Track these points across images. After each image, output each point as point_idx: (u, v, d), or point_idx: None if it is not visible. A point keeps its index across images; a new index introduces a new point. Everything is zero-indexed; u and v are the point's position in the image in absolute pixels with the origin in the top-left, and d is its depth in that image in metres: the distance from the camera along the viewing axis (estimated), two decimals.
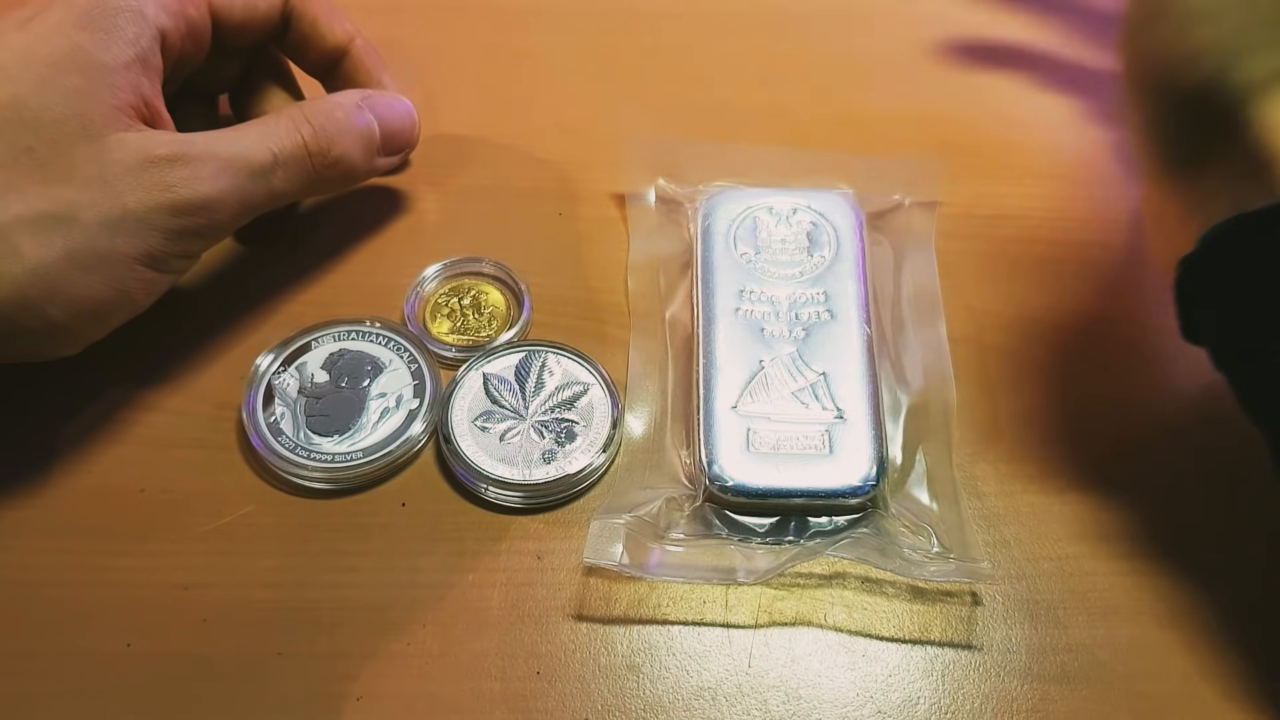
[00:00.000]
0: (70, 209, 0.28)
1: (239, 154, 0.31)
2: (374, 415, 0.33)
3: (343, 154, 0.34)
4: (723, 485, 0.31)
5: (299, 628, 0.30)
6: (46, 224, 0.28)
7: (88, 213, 0.28)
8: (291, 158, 0.32)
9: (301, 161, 0.33)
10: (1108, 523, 0.32)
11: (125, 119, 0.30)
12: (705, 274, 0.35)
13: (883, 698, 0.29)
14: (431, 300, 0.36)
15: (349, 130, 0.34)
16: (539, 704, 0.29)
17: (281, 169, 0.32)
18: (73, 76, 0.29)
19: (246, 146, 0.31)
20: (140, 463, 0.32)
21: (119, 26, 0.30)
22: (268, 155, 0.32)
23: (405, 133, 0.37)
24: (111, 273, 0.29)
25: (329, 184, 0.35)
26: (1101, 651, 0.30)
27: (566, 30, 0.45)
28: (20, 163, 0.28)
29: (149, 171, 0.29)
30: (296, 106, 0.34)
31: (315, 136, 0.33)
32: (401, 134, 0.37)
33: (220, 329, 0.35)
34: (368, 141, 0.35)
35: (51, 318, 0.28)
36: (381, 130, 0.35)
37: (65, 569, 0.30)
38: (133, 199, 0.29)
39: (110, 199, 0.29)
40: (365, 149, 0.35)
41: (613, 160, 0.39)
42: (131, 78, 0.30)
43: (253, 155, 0.31)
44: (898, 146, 0.41)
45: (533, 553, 0.31)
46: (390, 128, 0.36)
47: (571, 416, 0.33)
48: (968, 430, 0.33)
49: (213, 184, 0.30)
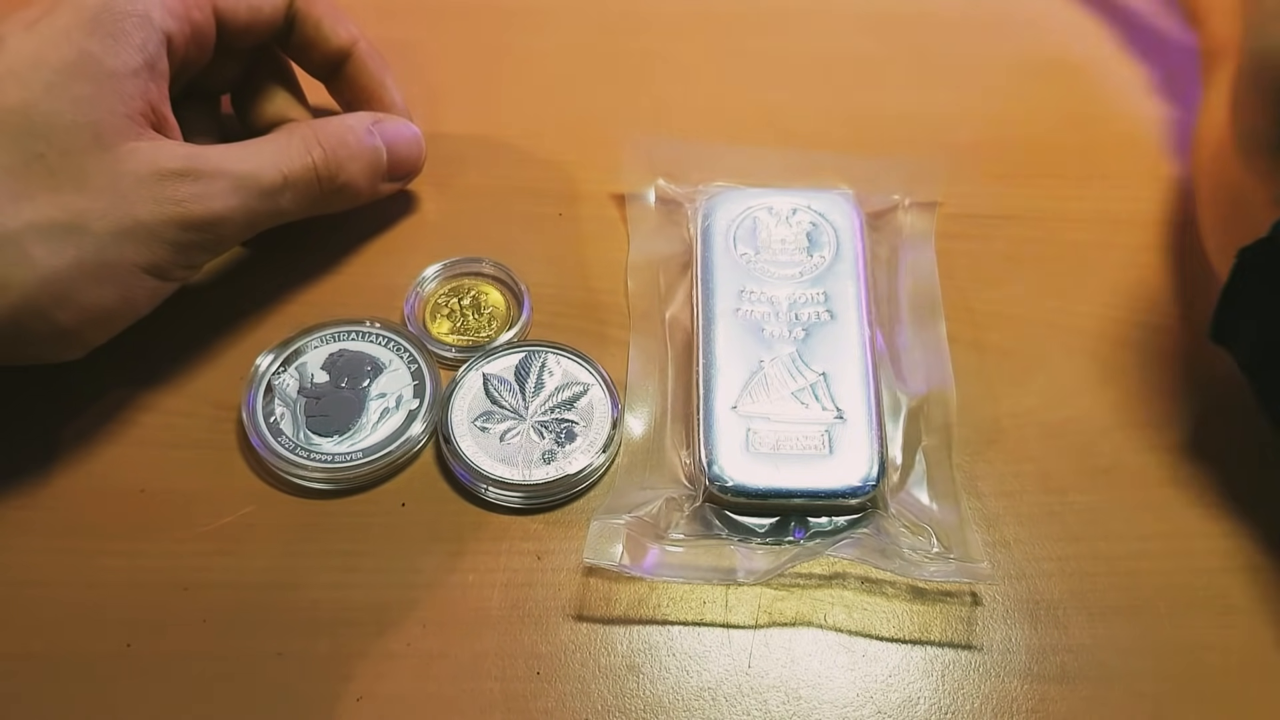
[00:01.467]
0: (82, 219, 0.28)
1: (250, 173, 0.31)
2: (374, 415, 0.33)
3: (350, 179, 0.35)
4: (723, 485, 0.31)
5: (299, 628, 0.30)
6: (58, 233, 0.28)
7: (99, 223, 0.28)
8: (301, 180, 0.33)
9: (310, 184, 0.33)
10: (1108, 523, 0.32)
11: (136, 127, 0.30)
12: (705, 274, 0.35)
13: (883, 698, 0.29)
14: (431, 300, 0.36)
15: (358, 155, 0.35)
16: (539, 704, 0.29)
17: (290, 190, 0.33)
18: (83, 84, 0.29)
19: (258, 166, 0.32)
20: (140, 463, 0.32)
21: (127, 32, 0.30)
22: (278, 177, 0.32)
23: (411, 160, 0.37)
24: (119, 281, 0.29)
25: (332, 206, 0.35)
26: (1101, 651, 0.30)
27: (567, 30, 0.45)
28: (32, 169, 0.28)
29: (160, 184, 0.29)
30: (309, 126, 0.34)
31: (326, 161, 0.33)
32: (408, 161, 0.37)
33: (220, 329, 0.35)
34: (375, 167, 0.36)
35: (60, 323, 0.29)
36: (389, 156, 0.36)
37: (65, 569, 0.30)
38: (144, 211, 0.29)
39: (122, 210, 0.29)
40: (372, 175, 0.36)
41: (613, 160, 0.39)
42: (140, 85, 0.30)
43: (264, 176, 0.32)
44: (898, 146, 0.41)
45: (533, 553, 0.31)
46: (398, 154, 0.36)
47: (571, 417, 0.33)
48: (968, 430, 0.33)
49: (223, 201, 0.31)
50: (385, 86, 0.37)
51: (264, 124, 0.37)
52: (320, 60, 0.37)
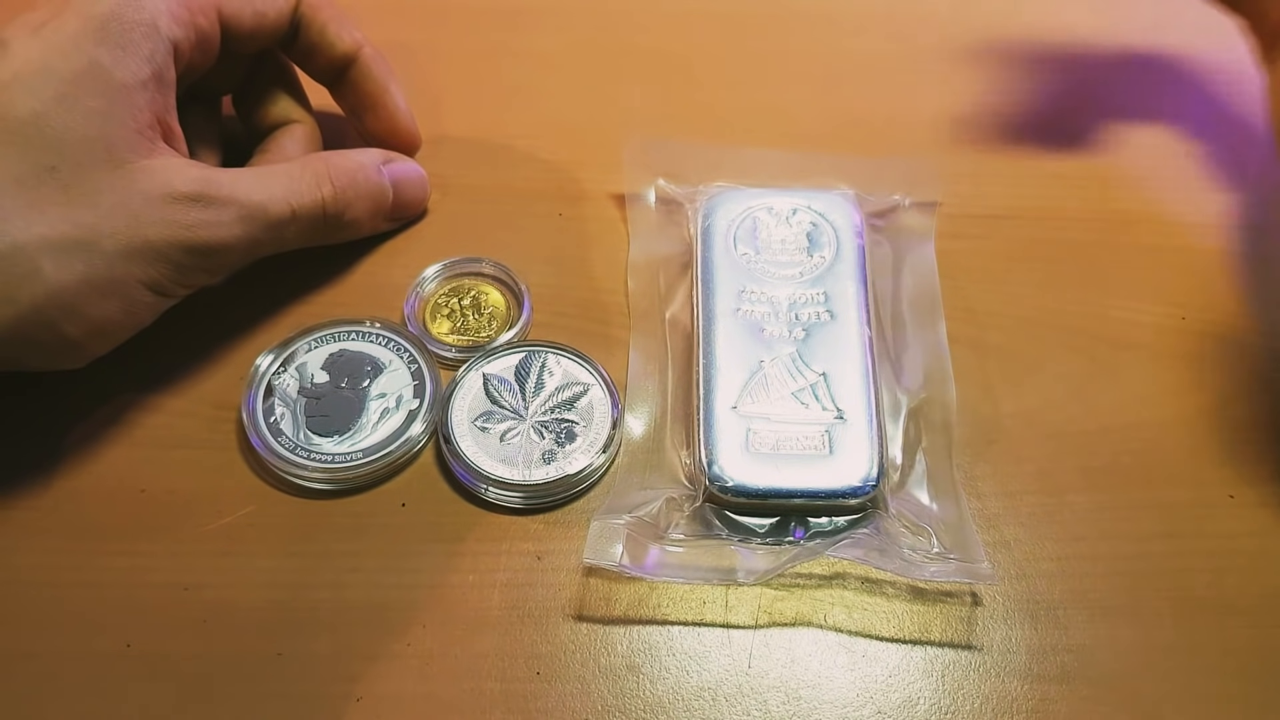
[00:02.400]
0: (92, 236, 0.28)
1: (260, 204, 0.32)
2: (374, 416, 0.33)
3: (355, 217, 0.35)
4: (723, 485, 0.31)
5: (299, 628, 0.30)
6: (68, 248, 0.28)
7: (109, 241, 0.29)
8: (308, 215, 0.33)
9: (316, 219, 0.34)
10: (1108, 523, 0.32)
11: (146, 142, 0.30)
12: (705, 274, 0.35)
13: (883, 698, 0.29)
14: (431, 300, 0.36)
15: (366, 195, 0.35)
16: (539, 704, 0.29)
17: (296, 224, 0.33)
18: (94, 97, 0.29)
19: (269, 198, 0.32)
20: (141, 463, 0.32)
21: (135, 42, 0.30)
22: (287, 210, 0.32)
23: (416, 202, 0.38)
24: (124, 296, 0.30)
25: (330, 238, 0.35)
26: (1101, 651, 0.30)
27: (567, 31, 0.45)
28: (44, 182, 0.28)
29: (172, 207, 0.30)
30: (322, 161, 0.34)
31: (335, 198, 0.34)
32: (413, 204, 0.38)
33: (220, 329, 0.35)
34: (380, 206, 0.36)
35: (66, 335, 0.29)
36: (396, 197, 0.36)
37: (65, 569, 0.30)
38: (153, 232, 0.29)
39: (132, 230, 0.29)
40: (375, 213, 0.36)
41: (613, 160, 0.39)
42: (149, 96, 0.30)
43: (273, 208, 0.32)
44: (898, 146, 0.41)
45: (533, 553, 0.31)
46: (404, 196, 0.37)
47: (571, 417, 0.33)
48: (968, 430, 0.33)
49: (229, 230, 0.31)
50: (389, 93, 0.37)
51: (266, 126, 0.37)
52: (325, 65, 0.37)
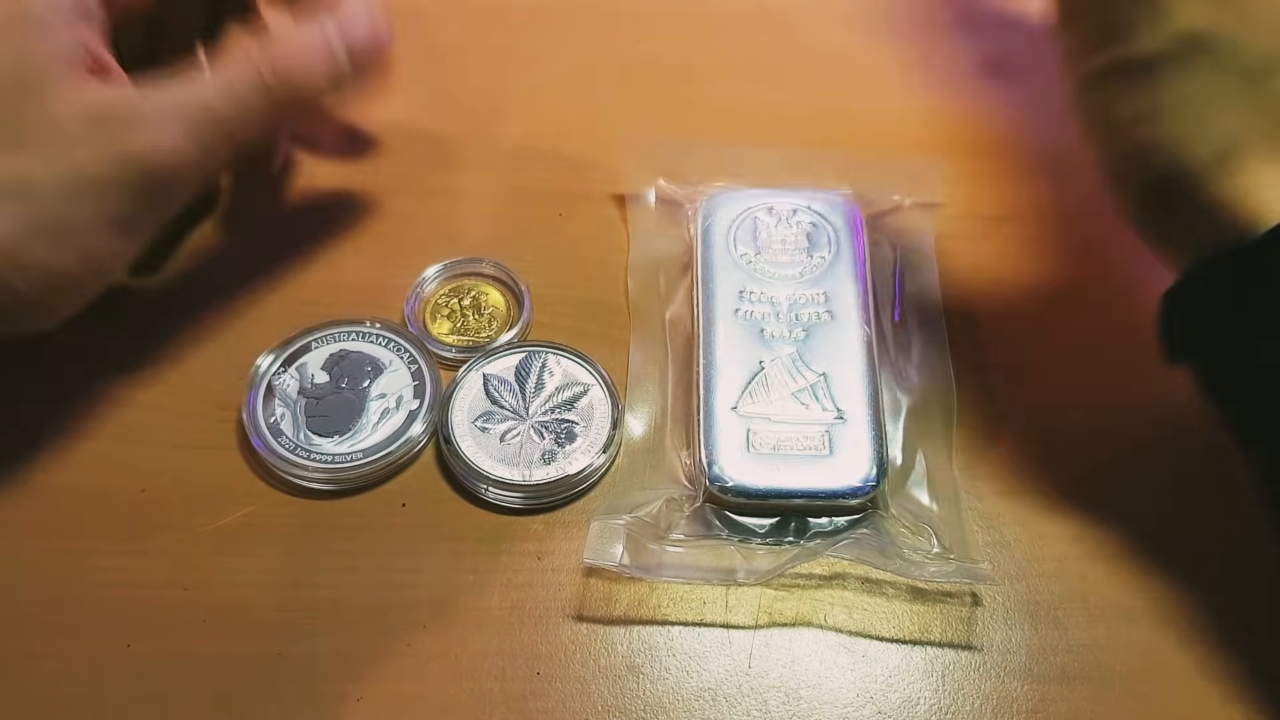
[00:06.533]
0: (24, 176, 0.27)
1: (193, 99, 0.29)
2: (374, 416, 0.33)
3: (303, 80, 0.31)
4: (723, 486, 0.31)
5: (299, 628, 0.30)
6: (1, 194, 0.26)
7: (41, 176, 0.27)
8: (249, 94, 0.30)
9: (259, 96, 0.30)
10: (1108, 523, 0.32)
11: (71, 74, 0.28)
12: (705, 274, 0.35)
13: (883, 698, 0.29)
14: (432, 301, 0.36)
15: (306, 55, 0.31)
16: (539, 704, 0.29)
17: (240, 112, 0.30)
18: (8, 32, 0.27)
19: (199, 91, 0.29)
20: (141, 463, 0.32)
21: None
22: (223, 97, 0.29)
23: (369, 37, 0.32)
24: (76, 241, 0.28)
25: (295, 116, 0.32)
26: (1101, 651, 0.30)
27: (566, 31, 0.45)
28: None
29: (102, 130, 0.28)
30: (249, 40, 0.31)
31: (273, 70, 0.30)
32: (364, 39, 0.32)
33: (220, 329, 0.35)
34: (327, 58, 0.31)
35: (19, 291, 0.27)
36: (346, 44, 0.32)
37: (66, 569, 0.30)
38: (87, 161, 0.27)
39: (63, 160, 0.27)
40: (327, 68, 0.31)
41: (613, 160, 0.39)
42: (68, 26, 0.28)
43: (208, 98, 0.29)
44: (898, 146, 0.41)
45: (533, 553, 0.31)
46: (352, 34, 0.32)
47: (571, 417, 0.33)
48: (968, 430, 0.33)
49: (170, 138, 0.28)
50: None
51: None
52: None
